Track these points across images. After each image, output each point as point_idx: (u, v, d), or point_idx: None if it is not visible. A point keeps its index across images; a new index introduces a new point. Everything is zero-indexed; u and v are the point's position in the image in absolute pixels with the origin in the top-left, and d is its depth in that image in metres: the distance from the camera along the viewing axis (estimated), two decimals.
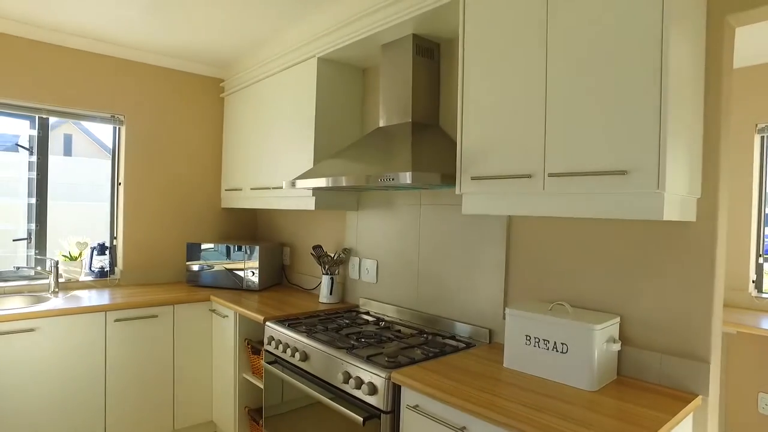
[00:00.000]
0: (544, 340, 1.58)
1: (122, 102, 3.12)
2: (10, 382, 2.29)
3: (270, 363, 2.25)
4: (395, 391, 1.64)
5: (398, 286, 2.48)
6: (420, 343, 1.99)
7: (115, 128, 3.18)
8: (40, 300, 2.64)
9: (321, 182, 2.11)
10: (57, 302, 2.55)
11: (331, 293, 2.78)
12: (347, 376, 1.77)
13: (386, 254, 2.55)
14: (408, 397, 1.60)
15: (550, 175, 1.44)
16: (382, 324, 2.33)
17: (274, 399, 2.27)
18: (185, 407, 2.82)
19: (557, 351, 1.55)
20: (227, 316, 2.73)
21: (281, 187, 2.78)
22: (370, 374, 1.69)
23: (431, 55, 2.21)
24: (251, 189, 3.13)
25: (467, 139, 1.72)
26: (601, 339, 1.50)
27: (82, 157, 3.75)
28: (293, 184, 2.31)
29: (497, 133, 1.62)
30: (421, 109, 2.18)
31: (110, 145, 3.24)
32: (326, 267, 2.79)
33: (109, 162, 3.23)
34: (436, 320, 2.24)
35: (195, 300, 2.84)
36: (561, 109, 1.44)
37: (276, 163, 2.88)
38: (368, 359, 1.76)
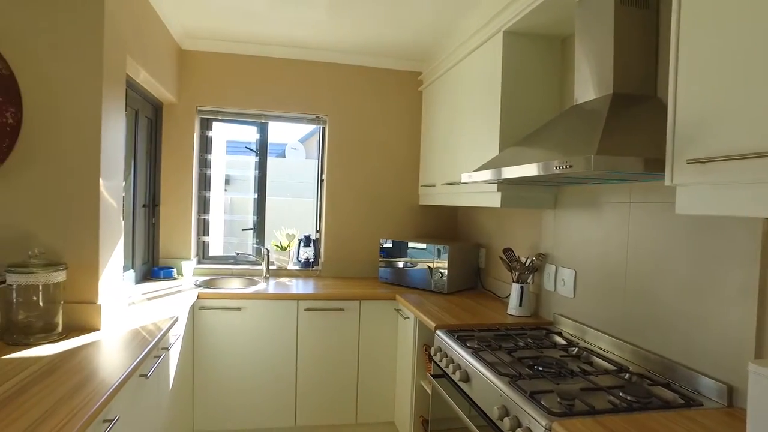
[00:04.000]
0: None
1: (325, 103, 3.32)
2: (223, 349, 2.65)
3: (436, 376, 2.04)
4: None
5: (599, 304, 1.96)
6: (615, 384, 1.49)
7: (319, 128, 3.41)
8: (252, 283, 3.00)
9: (485, 175, 1.79)
10: (263, 287, 2.84)
11: (521, 304, 2.41)
12: (504, 413, 1.43)
13: (586, 263, 2.06)
14: None
15: None
16: (573, 351, 1.87)
17: (441, 412, 2.04)
18: (368, 403, 2.83)
19: None
20: (408, 318, 2.62)
21: (461, 182, 2.53)
22: (529, 417, 1.32)
23: (645, 3, 1.65)
24: (442, 184, 2.97)
25: (683, 107, 1.18)
26: None
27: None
28: (467, 178, 2.04)
29: (729, 92, 1.05)
30: (629, 77, 1.64)
31: None
32: (516, 274, 2.42)
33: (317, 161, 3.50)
34: (646, 356, 1.68)
35: (380, 297, 2.82)
36: None
37: (462, 155, 2.65)
38: (531, 397, 1.38)
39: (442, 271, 2.87)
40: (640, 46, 1.65)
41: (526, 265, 2.40)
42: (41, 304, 1.68)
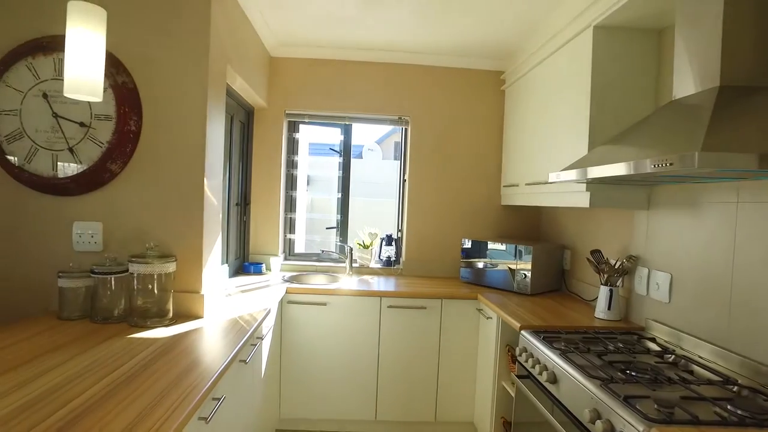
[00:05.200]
0: None
1: (408, 104, 3.37)
2: (309, 342, 2.78)
3: (521, 377, 2.01)
4: None
5: (699, 311, 1.84)
6: (720, 396, 1.40)
7: (401, 129, 3.47)
8: (335, 280, 3.11)
9: (574, 174, 1.74)
10: (346, 283, 2.94)
11: (609, 308, 2.31)
12: (595, 416, 1.39)
13: (684, 267, 1.94)
14: None
15: None
16: (669, 358, 1.77)
17: (525, 415, 2.01)
18: (447, 402, 2.84)
19: None
20: (491, 318, 2.61)
21: (548, 182, 2.47)
22: (624, 422, 1.27)
23: None
24: (526, 184, 2.91)
25: None
26: None
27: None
28: (555, 177, 2.00)
29: None
30: (739, 68, 1.53)
31: None
32: (605, 276, 2.33)
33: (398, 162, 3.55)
34: (757, 369, 1.55)
35: (462, 297, 2.82)
36: None
37: (548, 155, 2.59)
38: (626, 401, 1.33)
39: (526, 272, 2.82)
40: (753, 33, 1.53)
41: (616, 267, 2.30)
42: (156, 291, 1.87)
